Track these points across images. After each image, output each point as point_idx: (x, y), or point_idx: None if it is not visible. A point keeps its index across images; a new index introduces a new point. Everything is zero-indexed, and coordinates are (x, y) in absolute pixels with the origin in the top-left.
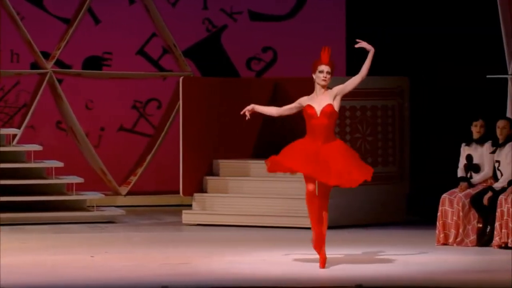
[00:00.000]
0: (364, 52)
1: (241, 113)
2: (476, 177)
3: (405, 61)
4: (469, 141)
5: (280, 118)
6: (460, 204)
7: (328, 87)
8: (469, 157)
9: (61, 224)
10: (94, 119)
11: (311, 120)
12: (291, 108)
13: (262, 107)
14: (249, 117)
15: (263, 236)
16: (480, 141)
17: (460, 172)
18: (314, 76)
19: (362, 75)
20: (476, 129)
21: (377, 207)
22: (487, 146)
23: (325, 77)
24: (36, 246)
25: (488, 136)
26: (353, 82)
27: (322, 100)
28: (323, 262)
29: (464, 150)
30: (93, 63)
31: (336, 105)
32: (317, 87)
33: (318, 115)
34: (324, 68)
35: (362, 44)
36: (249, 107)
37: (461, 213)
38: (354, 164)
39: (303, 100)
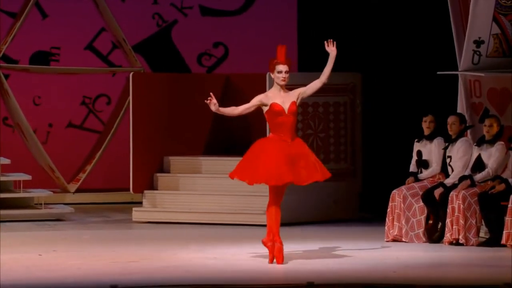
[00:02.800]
0: (316, 48)
1: (207, 100)
2: (424, 173)
3: (357, 57)
4: (420, 138)
5: (231, 116)
6: (401, 196)
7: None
8: (419, 153)
9: (8, 222)
10: (42, 115)
11: (279, 118)
12: (250, 107)
13: (224, 108)
14: (208, 101)
15: (215, 234)
16: (430, 137)
17: (412, 168)
18: (272, 75)
19: (322, 81)
20: (425, 125)
21: (329, 204)
22: (436, 142)
23: (284, 78)
24: None
25: (439, 132)
26: (313, 86)
27: (285, 98)
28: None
29: (416, 146)
30: (41, 58)
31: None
32: (277, 86)
33: (286, 113)
34: (283, 68)
35: (330, 47)
36: (214, 107)
37: (402, 205)
38: (317, 163)
39: (264, 98)
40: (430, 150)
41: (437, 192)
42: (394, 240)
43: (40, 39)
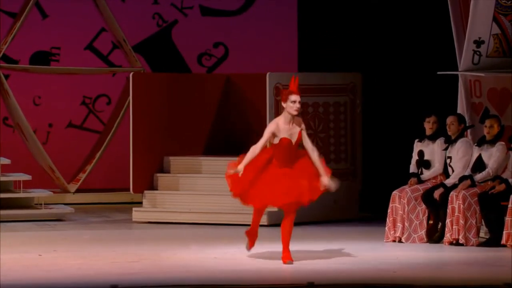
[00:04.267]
0: (316, 48)
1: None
2: (426, 173)
3: (358, 57)
4: (422, 137)
5: (231, 116)
6: (406, 198)
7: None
8: (420, 153)
9: (8, 222)
10: (42, 115)
11: (286, 151)
12: (267, 140)
13: (246, 157)
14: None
15: (214, 234)
16: (432, 137)
17: (412, 168)
18: (284, 105)
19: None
20: (428, 125)
21: (330, 204)
22: (439, 142)
23: (298, 108)
24: None
25: (441, 132)
26: (308, 147)
27: (293, 129)
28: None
29: (417, 146)
30: (41, 58)
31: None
32: (288, 116)
33: (294, 145)
34: (296, 98)
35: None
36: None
37: (406, 207)
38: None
39: (276, 130)
40: (433, 150)
41: (437, 192)
42: (394, 241)
43: (40, 39)
